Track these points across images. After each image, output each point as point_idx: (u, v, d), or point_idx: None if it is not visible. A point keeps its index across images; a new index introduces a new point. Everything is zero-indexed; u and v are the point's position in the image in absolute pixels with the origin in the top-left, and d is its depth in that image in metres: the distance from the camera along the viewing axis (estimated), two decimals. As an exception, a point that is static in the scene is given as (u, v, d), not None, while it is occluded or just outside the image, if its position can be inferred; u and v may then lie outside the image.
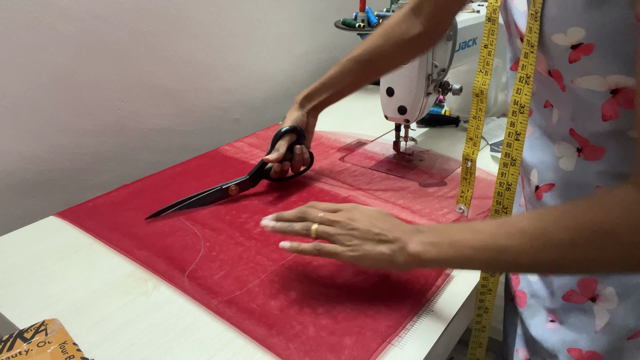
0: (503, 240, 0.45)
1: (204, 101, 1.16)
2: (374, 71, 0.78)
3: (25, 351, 0.49)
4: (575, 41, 0.44)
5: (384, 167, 0.91)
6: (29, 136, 0.85)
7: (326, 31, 1.44)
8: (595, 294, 0.52)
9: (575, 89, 0.47)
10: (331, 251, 0.53)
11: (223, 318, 0.55)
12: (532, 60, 0.48)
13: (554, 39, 0.45)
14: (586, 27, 0.42)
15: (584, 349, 0.53)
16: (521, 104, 0.49)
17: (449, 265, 0.50)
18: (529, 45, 0.48)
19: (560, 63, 0.47)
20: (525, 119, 0.50)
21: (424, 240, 0.50)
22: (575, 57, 0.44)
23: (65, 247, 0.68)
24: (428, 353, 0.51)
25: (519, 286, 0.62)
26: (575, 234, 0.41)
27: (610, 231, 0.40)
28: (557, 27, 0.44)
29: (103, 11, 0.90)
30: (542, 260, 0.43)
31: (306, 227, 0.54)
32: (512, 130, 0.50)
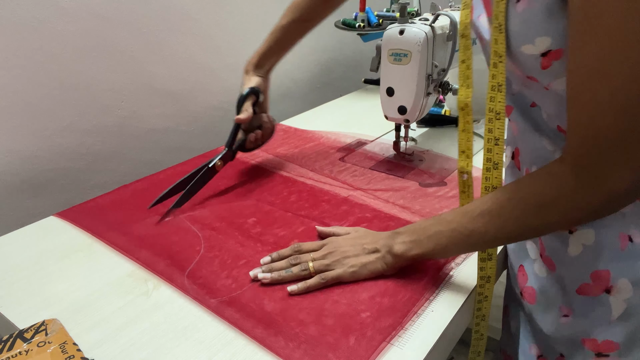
0: (470, 225, 0.53)
1: (204, 101, 1.16)
2: (310, 28, 0.88)
3: (25, 351, 0.49)
4: (544, 49, 0.46)
5: (384, 167, 0.91)
6: (29, 136, 0.85)
7: (326, 31, 1.44)
8: (609, 286, 0.53)
9: (555, 90, 0.50)
10: (334, 276, 0.59)
11: (223, 318, 0.55)
12: (502, 69, 0.50)
13: (524, 50, 0.48)
14: (551, 35, 0.45)
15: (599, 339, 0.54)
16: (496, 111, 0.52)
17: (431, 256, 0.58)
18: (496, 55, 0.50)
19: (534, 70, 0.49)
20: (502, 124, 0.52)
21: (405, 240, 0.58)
22: (547, 63, 0.47)
23: (65, 247, 0.68)
24: (428, 353, 0.51)
25: (527, 283, 0.62)
26: (524, 207, 0.49)
27: (549, 201, 0.47)
28: (524, 39, 0.47)
29: (103, 11, 0.90)
30: (504, 234, 0.51)
31: (304, 268, 0.59)
32: (490, 136, 0.53)
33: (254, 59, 0.85)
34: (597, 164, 0.44)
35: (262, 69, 0.86)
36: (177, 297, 0.58)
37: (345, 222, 0.72)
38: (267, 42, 0.84)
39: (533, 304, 0.61)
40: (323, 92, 1.53)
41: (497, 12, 0.48)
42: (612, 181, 0.44)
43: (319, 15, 0.86)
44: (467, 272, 0.63)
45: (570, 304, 0.56)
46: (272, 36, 0.84)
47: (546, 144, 0.55)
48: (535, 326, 0.61)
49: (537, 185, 0.49)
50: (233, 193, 0.82)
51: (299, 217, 0.74)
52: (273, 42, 0.84)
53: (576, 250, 0.55)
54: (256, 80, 0.85)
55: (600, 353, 0.55)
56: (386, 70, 0.83)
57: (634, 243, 0.51)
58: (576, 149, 0.45)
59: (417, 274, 0.61)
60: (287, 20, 0.83)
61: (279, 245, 0.67)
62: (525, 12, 0.46)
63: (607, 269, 0.52)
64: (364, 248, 0.61)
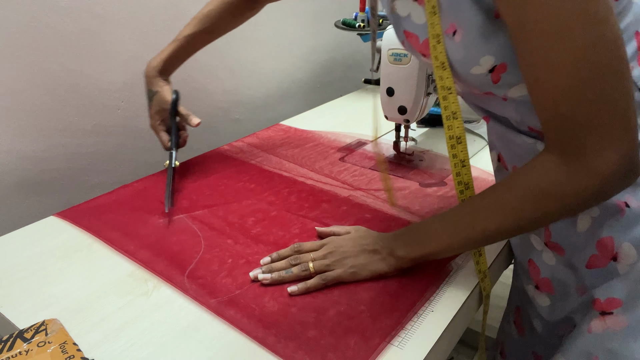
0: (470, 221, 0.54)
1: (204, 101, 1.16)
2: (213, 40, 0.88)
3: (25, 351, 0.49)
4: (490, 66, 0.50)
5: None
6: (29, 136, 0.85)
7: (326, 31, 1.44)
8: (614, 253, 0.54)
9: (512, 98, 0.54)
10: (334, 276, 0.59)
11: (223, 318, 0.55)
12: (454, 98, 0.54)
13: (473, 72, 0.52)
14: (492, 53, 0.49)
15: (602, 298, 0.55)
16: (447, 87, 0.54)
17: (434, 256, 0.58)
18: (444, 89, 0.54)
19: (488, 86, 0.53)
20: (455, 99, 0.54)
21: (407, 242, 0.59)
22: (496, 77, 0.51)
23: (65, 247, 0.68)
24: (428, 353, 0.51)
25: (541, 275, 0.63)
26: (522, 200, 0.50)
27: (544, 188, 0.49)
28: (471, 62, 0.51)
29: (103, 11, 0.90)
30: (504, 227, 0.52)
31: (304, 268, 0.60)
32: (447, 113, 0.54)
33: (157, 65, 0.84)
34: (579, 150, 0.46)
35: (166, 74, 0.86)
36: (177, 297, 0.58)
37: (345, 222, 0.72)
38: (170, 49, 0.84)
39: (553, 294, 0.62)
40: (323, 92, 1.53)
41: (436, 54, 0.53)
42: (598, 163, 0.45)
43: (224, 29, 0.87)
44: (467, 272, 0.63)
45: (583, 281, 0.58)
46: (177, 44, 0.83)
47: (525, 139, 0.57)
48: (559, 314, 0.62)
49: (531, 176, 0.50)
50: (233, 193, 0.82)
51: (299, 217, 0.74)
52: (180, 51, 0.84)
53: (585, 224, 0.56)
54: (168, 84, 0.86)
55: (604, 311, 0.55)
56: (386, 70, 0.83)
57: (631, 208, 0.53)
58: (556, 139, 0.48)
59: (417, 273, 0.61)
60: (193, 30, 0.83)
61: (279, 245, 0.67)
62: (463, 41, 0.50)
63: (610, 236, 0.54)
64: (364, 248, 0.61)
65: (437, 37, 0.52)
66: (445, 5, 0.50)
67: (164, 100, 0.83)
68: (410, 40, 0.57)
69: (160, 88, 0.83)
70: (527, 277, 0.66)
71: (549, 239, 0.60)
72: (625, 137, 0.45)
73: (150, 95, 0.84)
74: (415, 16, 0.54)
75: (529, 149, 0.57)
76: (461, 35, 0.50)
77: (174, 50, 0.83)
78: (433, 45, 0.52)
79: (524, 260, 0.66)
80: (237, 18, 0.87)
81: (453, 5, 0.49)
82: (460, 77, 0.54)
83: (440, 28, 0.51)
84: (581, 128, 0.45)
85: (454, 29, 0.50)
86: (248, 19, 0.89)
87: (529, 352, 0.71)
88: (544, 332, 0.67)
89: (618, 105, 0.44)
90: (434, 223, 0.58)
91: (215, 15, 0.83)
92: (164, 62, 0.84)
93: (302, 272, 0.59)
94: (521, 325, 0.72)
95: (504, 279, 0.75)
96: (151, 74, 0.84)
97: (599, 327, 0.55)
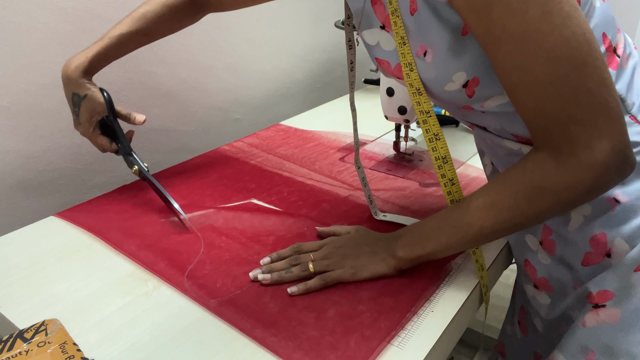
0: (466, 220, 0.54)
1: (204, 101, 1.16)
2: (148, 43, 0.80)
3: (25, 351, 0.49)
4: (463, 81, 0.52)
5: (384, 167, 0.92)
6: (29, 136, 0.85)
7: (326, 31, 1.44)
8: (608, 249, 0.55)
9: (490, 110, 0.55)
10: (334, 276, 0.59)
11: (223, 318, 0.55)
12: (433, 121, 0.55)
13: (447, 89, 0.53)
14: (463, 69, 0.51)
15: (594, 291, 0.56)
16: (426, 110, 0.55)
17: (433, 256, 0.58)
18: (423, 114, 0.55)
19: (463, 100, 0.54)
20: (435, 121, 0.55)
21: (407, 243, 0.59)
22: (470, 92, 0.53)
23: (65, 247, 0.68)
24: (428, 353, 0.51)
25: (537, 274, 0.63)
26: (516, 197, 0.51)
27: (537, 185, 0.49)
28: (444, 80, 0.52)
29: (103, 11, 0.90)
30: (501, 225, 0.52)
31: (304, 268, 0.60)
32: (430, 135, 0.55)
33: (81, 65, 0.72)
34: (568, 144, 0.46)
35: (90, 74, 0.75)
36: (177, 298, 0.58)
37: (345, 222, 0.72)
38: (98, 47, 0.73)
39: (552, 292, 0.62)
40: (323, 92, 1.53)
41: (411, 81, 0.54)
42: (588, 155, 0.46)
43: (161, 33, 0.80)
44: (467, 272, 0.63)
45: (580, 279, 0.58)
46: (105, 42, 0.73)
47: (510, 144, 0.58)
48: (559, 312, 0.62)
49: (523, 174, 0.51)
50: (233, 193, 0.82)
51: (299, 217, 0.74)
52: (109, 50, 0.74)
53: (577, 223, 0.57)
54: (95, 86, 0.75)
55: (597, 304, 0.56)
56: (386, 70, 0.83)
57: (620, 203, 0.54)
58: (544, 137, 0.48)
59: (417, 274, 0.61)
60: (127, 29, 0.74)
61: (278, 245, 0.67)
62: (434, 60, 0.51)
63: (603, 232, 0.55)
64: (364, 249, 0.61)
65: (410, 66, 0.53)
66: (413, 28, 0.51)
67: (97, 103, 0.74)
68: (382, 66, 0.59)
69: (89, 90, 0.73)
70: (526, 277, 0.66)
71: (545, 237, 0.60)
72: (612, 127, 0.45)
73: (77, 101, 0.73)
74: (384, 44, 0.56)
75: (514, 153, 0.58)
76: (431, 55, 0.51)
77: (103, 49, 0.73)
78: (406, 73, 0.54)
79: (520, 260, 0.67)
80: (177, 24, 0.81)
81: (421, 29, 0.51)
82: (435, 95, 0.55)
83: (411, 57, 0.53)
84: (566, 123, 0.46)
85: (424, 49, 0.52)
86: (187, 26, 0.83)
87: (530, 352, 0.71)
88: (544, 331, 0.67)
89: (598, 96, 0.44)
90: (432, 223, 0.58)
91: (153, 18, 0.76)
92: (90, 61, 0.73)
93: (302, 273, 0.59)
94: (525, 326, 0.72)
95: (504, 279, 0.75)
96: (74, 75, 0.72)
97: (593, 321, 0.56)
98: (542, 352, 0.69)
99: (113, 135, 0.78)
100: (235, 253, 0.66)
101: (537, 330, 0.68)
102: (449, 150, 0.55)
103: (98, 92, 0.74)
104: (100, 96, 0.74)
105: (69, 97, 0.74)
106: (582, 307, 0.58)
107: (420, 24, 0.50)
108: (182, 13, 0.79)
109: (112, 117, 0.77)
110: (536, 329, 0.68)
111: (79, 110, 0.74)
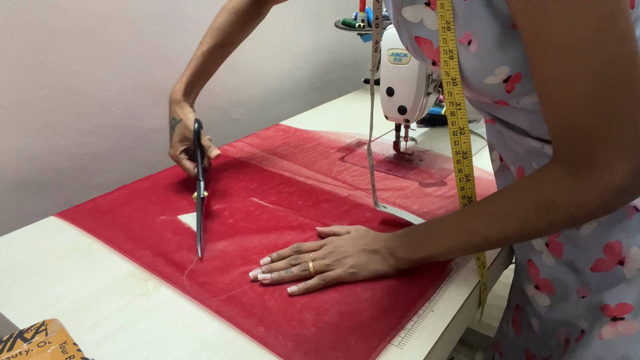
0: (473, 227, 0.53)
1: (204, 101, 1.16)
2: (230, 53, 0.86)
3: (25, 351, 0.49)
4: (505, 76, 0.50)
5: (384, 167, 0.92)
6: (29, 136, 0.85)
7: (326, 31, 1.44)
8: (622, 257, 0.54)
9: (524, 107, 0.53)
10: (334, 276, 0.59)
11: (223, 318, 0.55)
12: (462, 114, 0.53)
13: (486, 82, 0.51)
14: (508, 64, 0.49)
15: (612, 304, 0.55)
16: (457, 102, 0.53)
17: (434, 259, 0.58)
18: (452, 105, 0.53)
19: (501, 95, 0.52)
20: (464, 114, 0.53)
21: (408, 243, 0.59)
22: (510, 87, 0.51)
23: (65, 247, 0.68)
24: (428, 353, 0.51)
25: (540, 275, 0.63)
26: (526, 209, 0.50)
27: (550, 199, 0.49)
28: (485, 72, 0.50)
29: (103, 11, 0.90)
30: (508, 235, 0.52)
31: (304, 268, 0.60)
32: (455, 128, 0.54)
33: (180, 88, 0.81)
34: (590, 162, 0.45)
35: (190, 97, 0.83)
36: (177, 297, 0.58)
37: (345, 222, 0.73)
38: (190, 69, 0.81)
39: (553, 294, 0.62)
40: (323, 92, 1.53)
41: (447, 70, 0.52)
42: (607, 176, 0.45)
43: (237, 40, 0.85)
44: (467, 272, 0.63)
45: (587, 284, 0.57)
46: (195, 63, 0.81)
47: (533, 142, 0.57)
48: (558, 314, 0.62)
49: (538, 186, 0.50)
50: (233, 193, 0.82)
51: (298, 217, 0.74)
52: (198, 69, 0.81)
53: (589, 228, 0.56)
54: (192, 111, 0.82)
55: (615, 317, 0.55)
56: (386, 70, 0.83)
57: (639, 211, 0.52)
58: (566, 151, 0.47)
59: (417, 274, 0.61)
60: (209, 45, 0.81)
61: (278, 245, 0.67)
62: (478, 51, 0.49)
63: (618, 240, 0.54)
64: (364, 248, 0.61)
65: (450, 53, 0.51)
66: (461, 14, 0.49)
67: (188, 129, 0.79)
68: (422, 46, 0.55)
69: (184, 116, 0.80)
70: (527, 277, 0.66)
71: (552, 240, 0.60)
72: (636, 151, 0.44)
73: (174, 124, 0.81)
74: (429, 22, 0.53)
75: (535, 151, 0.57)
76: (476, 45, 0.49)
77: (195, 70, 0.81)
78: (445, 60, 0.51)
79: (523, 260, 0.66)
80: (247, 26, 0.85)
81: (471, 16, 0.48)
82: (473, 86, 0.53)
83: (454, 44, 0.50)
84: (593, 141, 0.45)
85: (468, 38, 0.49)
86: (257, 25, 0.87)
87: (522, 351, 0.71)
88: (541, 331, 0.67)
89: (631, 121, 0.43)
90: (436, 226, 0.58)
91: (227, 28, 0.81)
92: (186, 84, 0.80)
93: (302, 272, 0.59)
94: (519, 324, 0.72)
95: (504, 278, 0.75)
96: (176, 98, 0.81)
97: (610, 333, 0.55)
98: (536, 352, 0.69)
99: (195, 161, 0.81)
100: (235, 253, 0.66)
101: (532, 330, 0.68)
102: (471, 146, 0.54)
103: (191, 120, 0.79)
104: (191, 124, 0.79)
105: (169, 120, 0.81)
106: (596, 318, 0.57)
107: (471, 10, 0.48)
108: (249, 15, 0.83)
109: (198, 145, 0.80)
110: (531, 329, 0.68)
111: (173, 132, 0.80)
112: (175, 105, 0.81)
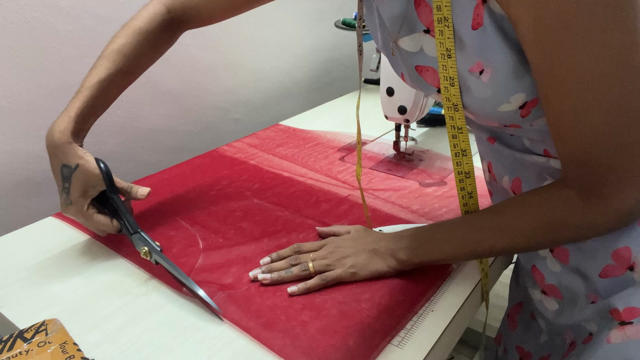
0: (478, 237, 0.54)
1: (204, 101, 1.16)
2: (133, 81, 0.71)
3: (25, 351, 0.49)
4: (521, 103, 0.48)
5: (384, 167, 0.92)
6: (29, 136, 0.85)
7: (326, 31, 1.44)
8: (631, 263, 0.53)
9: (537, 126, 0.52)
10: (334, 276, 0.59)
11: (223, 317, 0.55)
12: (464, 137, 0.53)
13: (501, 109, 0.49)
14: (524, 90, 0.47)
15: (620, 308, 0.54)
16: (458, 127, 0.53)
17: (435, 263, 0.59)
18: (454, 129, 0.53)
19: (515, 120, 0.51)
20: (466, 137, 0.53)
21: (409, 246, 0.59)
22: (526, 112, 0.50)
23: (65, 247, 0.68)
24: (428, 353, 0.51)
25: (546, 281, 0.62)
26: (534, 226, 0.51)
27: (560, 220, 0.49)
28: (499, 101, 0.49)
29: (103, 11, 0.90)
30: (513, 247, 0.53)
31: (304, 268, 0.59)
32: (457, 150, 0.54)
33: (67, 126, 0.61)
34: (600, 188, 0.46)
35: (80, 137, 0.64)
36: (177, 298, 0.58)
37: (345, 222, 0.72)
38: (81, 101, 0.63)
39: (561, 299, 0.61)
40: (323, 92, 1.53)
41: (449, 96, 0.51)
42: (618, 200, 0.46)
43: (144, 67, 0.70)
44: (467, 272, 0.63)
45: (596, 289, 0.57)
46: (87, 93, 0.63)
47: (536, 158, 0.56)
48: (566, 319, 0.61)
49: (547, 206, 0.50)
50: (233, 193, 0.82)
51: (298, 217, 0.74)
52: (92, 101, 0.63)
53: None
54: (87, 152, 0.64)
55: (624, 321, 0.54)
56: (386, 70, 0.83)
57: None
58: (577, 175, 0.48)
59: (417, 273, 0.61)
60: (109, 71, 0.64)
61: (278, 245, 0.67)
62: (492, 80, 0.47)
63: (627, 246, 0.53)
64: (364, 248, 0.61)
65: (451, 80, 0.50)
66: (473, 44, 0.47)
67: (91, 174, 0.62)
68: (424, 74, 0.54)
69: (81, 160, 0.61)
70: (532, 282, 0.65)
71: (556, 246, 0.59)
72: None
73: (67, 174, 0.61)
74: (430, 49, 0.52)
75: (538, 165, 0.56)
76: (490, 74, 0.47)
77: (85, 103, 0.63)
78: (445, 86, 0.51)
79: (527, 265, 0.65)
80: (157, 52, 0.72)
81: (483, 46, 0.46)
82: (484, 114, 0.52)
83: (454, 71, 0.49)
84: (605, 169, 0.45)
85: (480, 68, 0.48)
86: (164, 52, 0.73)
87: (512, 346, 0.71)
88: (547, 332, 0.66)
89: None
90: (440, 232, 0.58)
91: (132, 51, 0.66)
92: (75, 121, 0.62)
93: (302, 272, 0.59)
94: (514, 320, 0.72)
95: (504, 278, 0.75)
96: (61, 141, 0.61)
97: (618, 337, 0.54)
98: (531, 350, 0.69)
99: (113, 212, 0.65)
100: (235, 253, 0.66)
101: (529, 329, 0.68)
102: (473, 167, 0.54)
103: (92, 162, 0.63)
104: (95, 166, 0.62)
105: (56, 171, 0.62)
106: (605, 322, 0.56)
107: (483, 41, 0.46)
108: (159, 38, 0.70)
109: (112, 190, 0.64)
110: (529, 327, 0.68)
111: (69, 185, 0.62)
112: (62, 149, 0.61)
